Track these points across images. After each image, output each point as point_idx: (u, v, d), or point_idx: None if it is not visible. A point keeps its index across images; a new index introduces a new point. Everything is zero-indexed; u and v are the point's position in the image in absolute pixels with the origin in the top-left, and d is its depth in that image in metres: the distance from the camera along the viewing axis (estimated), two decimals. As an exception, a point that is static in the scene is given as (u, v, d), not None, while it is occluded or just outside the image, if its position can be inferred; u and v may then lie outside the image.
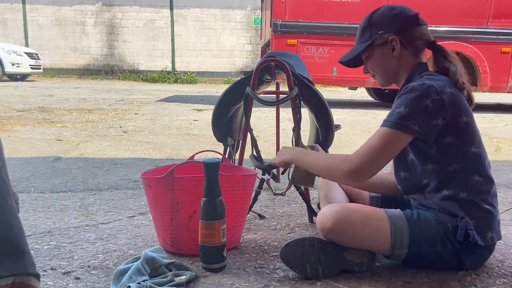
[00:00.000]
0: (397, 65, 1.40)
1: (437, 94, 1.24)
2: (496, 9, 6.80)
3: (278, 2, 6.97)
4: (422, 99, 1.24)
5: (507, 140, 4.42)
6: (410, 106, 1.24)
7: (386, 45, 1.38)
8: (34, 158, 3.07)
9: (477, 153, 1.31)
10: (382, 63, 1.42)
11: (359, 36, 1.46)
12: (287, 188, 1.83)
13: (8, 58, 11.75)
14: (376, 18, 1.42)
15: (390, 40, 1.37)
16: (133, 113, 5.80)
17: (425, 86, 1.25)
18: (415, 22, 1.39)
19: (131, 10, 15.41)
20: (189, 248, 1.46)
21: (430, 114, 1.24)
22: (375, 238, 1.30)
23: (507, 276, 1.36)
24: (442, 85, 1.26)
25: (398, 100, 1.30)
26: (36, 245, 1.56)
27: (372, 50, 1.41)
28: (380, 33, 1.38)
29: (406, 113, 1.24)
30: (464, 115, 1.28)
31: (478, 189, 1.31)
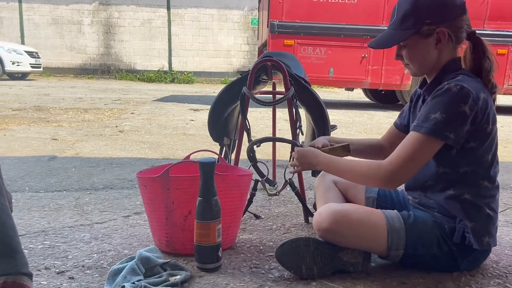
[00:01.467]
0: (437, 57, 1.30)
1: (474, 100, 1.19)
2: (492, 11, 6.84)
3: (275, 2, 6.98)
4: (459, 104, 1.18)
5: (503, 141, 4.45)
6: (447, 112, 1.19)
7: (431, 36, 1.27)
8: (29, 157, 3.06)
9: (491, 160, 1.30)
10: (422, 53, 1.30)
11: (398, 19, 1.30)
12: (282, 188, 1.83)
13: (8, 56, 11.74)
14: (424, 3, 1.26)
15: (437, 32, 1.26)
16: (129, 112, 5.78)
17: (462, 90, 1.18)
18: (463, 11, 1.28)
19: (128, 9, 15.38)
20: (184, 248, 1.46)
21: (466, 121, 1.20)
22: (372, 239, 1.30)
23: (501, 277, 1.36)
24: (477, 89, 1.21)
25: (432, 101, 1.22)
26: (30, 244, 1.55)
27: (414, 38, 1.29)
28: (428, 22, 1.25)
29: (442, 120, 1.19)
30: (492, 122, 1.26)
31: (484, 193, 1.31)
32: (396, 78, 7.12)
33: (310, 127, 1.96)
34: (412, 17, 1.27)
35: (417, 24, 1.26)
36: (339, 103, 8.41)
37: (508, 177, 2.86)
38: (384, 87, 7.33)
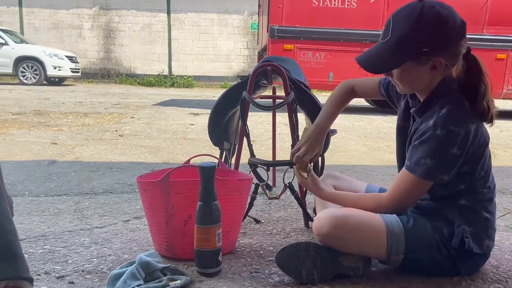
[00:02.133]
0: (429, 80, 1.27)
1: (462, 139, 1.19)
2: (491, 16, 6.86)
3: (275, 7, 7.01)
4: (448, 148, 1.20)
5: (502, 146, 4.45)
6: (436, 158, 1.21)
7: (427, 63, 1.23)
8: (29, 162, 3.05)
9: (485, 172, 1.30)
10: (414, 78, 1.27)
11: (393, 42, 1.21)
12: (281, 192, 1.83)
13: (50, 61, 11.81)
14: (423, 30, 1.18)
15: (434, 61, 1.23)
16: (129, 117, 5.79)
17: (449, 133, 1.19)
18: (462, 35, 1.22)
19: (128, 14, 15.43)
20: (184, 253, 1.45)
21: (457, 161, 1.22)
22: (372, 244, 1.30)
23: (501, 282, 1.36)
24: (465, 123, 1.20)
25: (421, 146, 1.23)
26: (30, 249, 1.55)
27: (408, 64, 1.24)
28: (425, 51, 1.20)
29: (433, 166, 1.22)
30: (483, 146, 1.26)
31: (481, 198, 1.31)
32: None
33: (310, 131, 1.96)
34: (409, 43, 1.20)
35: (414, 51, 1.21)
36: (339, 107, 8.40)
37: (508, 181, 2.86)
38: (384, 91, 7.33)
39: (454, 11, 1.21)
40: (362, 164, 3.38)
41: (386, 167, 3.23)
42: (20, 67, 11.71)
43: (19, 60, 11.68)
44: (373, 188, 1.60)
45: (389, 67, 1.27)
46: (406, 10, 1.21)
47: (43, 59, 11.74)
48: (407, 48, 1.21)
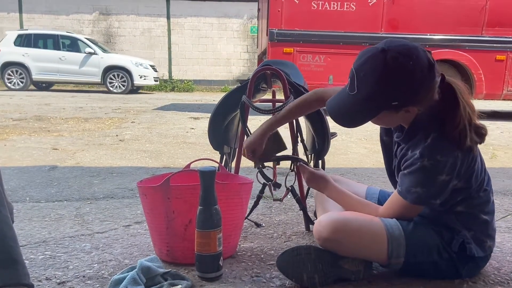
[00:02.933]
0: (407, 119, 1.27)
1: (450, 167, 1.20)
2: (490, 18, 6.87)
3: (275, 11, 7.02)
4: (436, 177, 1.21)
5: (503, 147, 4.44)
6: (427, 186, 1.23)
7: (400, 111, 1.22)
8: (29, 167, 3.06)
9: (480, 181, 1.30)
10: (388, 121, 1.29)
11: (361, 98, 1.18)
12: (284, 195, 1.83)
13: (136, 70, 11.98)
14: (389, 87, 1.16)
15: (406, 109, 1.21)
16: (130, 121, 5.79)
17: (436, 164, 1.19)
18: (432, 78, 1.17)
19: (128, 19, 15.48)
20: (185, 257, 1.45)
21: (447, 185, 1.23)
22: (372, 247, 1.30)
23: (503, 284, 1.36)
24: (450, 151, 1.20)
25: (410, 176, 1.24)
26: (31, 255, 1.54)
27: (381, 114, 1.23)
28: (395, 104, 1.18)
29: (424, 193, 1.23)
30: (473, 163, 1.26)
31: (477, 202, 1.31)
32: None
33: (310, 134, 1.96)
34: (377, 99, 1.18)
35: (383, 105, 1.19)
36: (339, 110, 8.41)
37: (509, 183, 2.85)
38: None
39: (419, 55, 1.15)
40: (363, 166, 3.38)
41: (386, 170, 3.22)
42: (108, 76, 11.92)
43: (107, 69, 11.90)
44: (374, 190, 1.60)
45: (361, 122, 1.24)
46: (369, 64, 1.17)
47: (130, 68, 11.96)
48: (376, 103, 1.19)
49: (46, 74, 11.82)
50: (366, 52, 1.20)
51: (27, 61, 11.67)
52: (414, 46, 1.17)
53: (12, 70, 11.70)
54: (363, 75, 1.17)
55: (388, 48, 1.16)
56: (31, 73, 11.71)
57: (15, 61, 11.65)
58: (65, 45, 12.03)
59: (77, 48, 11.99)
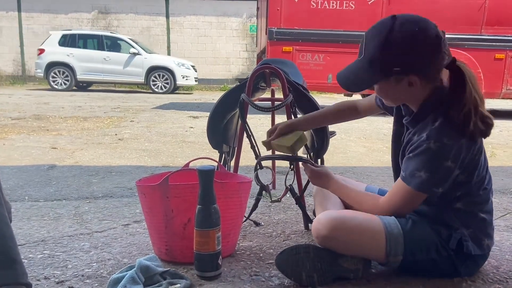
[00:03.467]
0: (411, 95, 1.26)
1: (456, 152, 1.19)
2: (489, 17, 6.87)
3: (274, 9, 7.02)
4: (442, 161, 1.20)
5: (502, 146, 4.45)
6: (431, 171, 1.21)
7: (402, 81, 1.22)
8: (28, 166, 3.05)
9: (481, 178, 1.30)
10: (393, 95, 1.29)
11: (366, 62, 1.22)
12: (283, 195, 1.83)
13: (179, 71, 12.01)
14: (392, 49, 1.17)
15: (408, 79, 1.21)
16: (129, 120, 5.79)
17: (443, 147, 1.18)
18: (437, 50, 1.18)
19: (127, 18, 15.45)
20: (184, 256, 1.45)
21: (451, 173, 1.22)
22: (370, 246, 1.30)
23: (502, 282, 1.36)
24: (457, 137, 1.19)
25: (416, 158, 1.23)
26: (29, 254, 1.54)
27: (383, 82, 1.25)
28: (396, 70, 1.19)
29: (428, 179, 1.22)
30: (478, 154, 1.26)
31: (476, 200, 1.31)
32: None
33: (309, 133, 1.96)
34: (379, 63, 1.20)
35: (384, 71, 1.21)
36: (338, 109, 8.41)
37: (508, 181, 2.86)
38: (383, 92, 7.35)
39: (427, 26, 1.17)
40: (362, 165, 3.38)
41: (385, 168, 3.23)
42: (151, 77, 11.92)
43: (150, 69, 11.91)
44: (373, 189, 1.60)
45: (361, 87, 1.27)
46: (377, 28, 1.21)
47: (173, 68, 11.97)
48: (377, 68, 1.21)
49: (90, 74, 11.86)
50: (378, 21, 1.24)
51: (72, 61, 11.72)
52: (424, 19, 1.20)
53: (56, 71, 11.76)
54: (370, 37, 1.22)
55: (398, 16, 1.20)
56: (76, 73, 11.77)
57: (60, 61, 11.70)
58: (108, 45, 12.09)
59: (120, 49, 12.07)
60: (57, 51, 11.73)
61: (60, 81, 11.79)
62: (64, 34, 12.00)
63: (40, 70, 11.72)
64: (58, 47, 11.77)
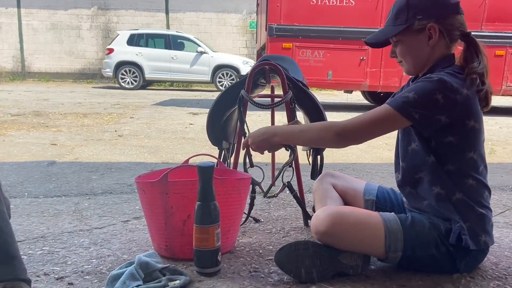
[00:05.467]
0: (429, 53, 1.32)
1: (451, 92, 1.21)
2: (489, 13, 6.86)
3: (273, 6, 7.00)
4: (434, 91, 1.21)
5: (501, 142, 4.44)
6: (419, 94, 1.22)
7: (423, 32, 1.30)
8: (28, 163, 3.05)
9: (474, 158, 1.30)
10: (414, 50, 1.34)
11: (392, 16, 1.34)
12: (280, 191, 1.83)
13: (245, 69, 11.98)
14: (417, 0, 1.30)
15: (429, 28, 1.29)
16: (129, 117, 5.78)
17: (441, 79, 1.21)
18: (456, 10, 1.30)
19: (127, 14, 15.41)
20: (183, 253, 1.45)
21: (436, 109, 1.22)
22: (369, 242, 1.30)
23: (501, 279, 1.36)
24: (460, 84, 1.23)
25: (411, 85, 1.29)
26: (29, 250, 1.54)
27: (406, 34, 1.32)
28: (419, 18, 1.29)
29: (412, 100, 1.22)
30: (473, 119, 1.26)
31: (471, 191, 1.31)
32: (394, 80, 7.14)
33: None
34: (404, 12, 1.31)
35: (408, 19, 1.30)
36: (338, 105, 8.42)
37: (508, 178, 2.86)
38: (383, 89, 7.34)
39: None
40: (361, 162, 3.38)
41: (385, 165, 3.23)
42: (217, 75, 12.00)
43: (217, 68, 11.99)
44: (372, 186, 1.60)
45: (387, 35, 1.35)
46: None
47: (239, 67, 12.03)
48: (403, 17, 1.31)
49: (158, 73, 12.01)
50: None
51: (141, 60, 11.87)
52: None
53: (125, 69, 11.90)
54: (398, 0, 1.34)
55: None
56: (144, 72, 11.90)
57: (129, 61, 11.88)
58: (175, 44, 12.23)
59: (184, 47, 12.19)
60: (126, 50, 11.92)
61: (128, 80, 11.97)
62: (132, 34, 12.21)
63: (109, 69, 11.93)
64: (127, 47, 11.97)
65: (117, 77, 11.94)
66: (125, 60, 11.84)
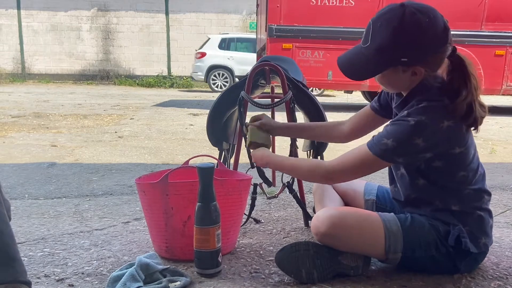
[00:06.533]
0: (412, 83, 1.26)
1: (431, 133, 1.18)
2: (489, 13, 6.85)
3: (273, 6, 7.00)
4: (412, 137, 1.18)
5: (502, 142, 4.44)
6: (398, 141, 1.20)
7: (407, 71, 1.23)
8: (28, 164, 3.05)
9: (465, 175, 1.29)
10: (395, 82, 1.29)
11: (373, 49, 1.22)
12: (280, 191, 1.83)
13: None
14: (403, 40, 1.17)
15: (413, 69, 1.22)
16: (129, 118, 5.78)
17: (419, 123, 1.17)
18: (444, 42, 1.19)
19: (127, 15, 15.41)
20: (184, 254, 1.45)
21: (418, 151, 1.21)
22: (370, 243, 1.30)
23: (502, 279, 1.36)
24: (439, 116, 1.18)
25: (389, 127, 1.23)
26: (29, 252, 1.54)
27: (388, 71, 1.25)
28: (404, 61, 1.20)
29: (392, 147, 1.20)
30: (458, 146, 1.24)
31: (469, 200, 1.30)
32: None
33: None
34: (387, 53, 1.20)
35: (392, 61, 1.21)
36: (338, 106, 8.42)
37: (508, 178, 2.85)
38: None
39: (436, 16, 1.18)
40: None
41: (386, 165, 3.22)
42: None
43: None
44: (372, 186, 1.60)
45: (366, 76, 1.28)
46: (387, 16, 1.20)
47: None
48: (385, 57, 1.21)
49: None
50: (385, 7, 1.22)
51: (232, 64, 12.17)
52: (433, 8, 1.20)
53: (216, 73, 12.16)
54: (379, 26, 1.20)
55: (408, 4, 1.19)
56: (235, 75, 12.13)
57: (221, 64, 12.19)
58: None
59: None
60: (218, 54, 12.21)
61: (219, 83, 12.21)
62: (223, 38, 12.53)
63: (201, 73, 12.23)
64: (218, 51, 12.25)
65: (209, 81, 12.24)
66: (217, 64, 12.22)
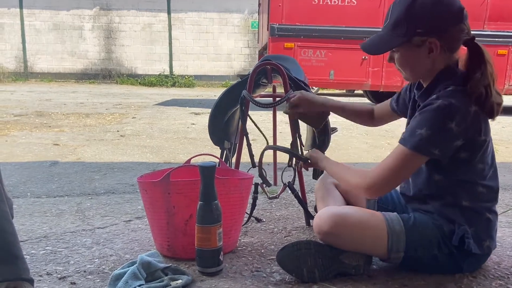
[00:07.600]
0: (429, 66, 1.28)
1: (461, 116, 1.18)
2: (492, 12, 6.84)
3: (275, 5, 6.99)
4: (446, 121, 1.18)
5: (504, 142, 4.43)
6: (432, 128, 1.19)
7: (423, 46, 1.25)
8: (31, 163, 3.06)
9: (487, 169, 1.29)
10: (414, 62, 1.29)
11: (390, 24, 1.27)
12: (281, 191, 1.83)
13: None
14: (417, 11, 1.21)
15: (429, 42, 1.24)
16: (131, 117, 5.79)
17: (450, 106, 1.17)
18: (458, 19, 1.23)
19: (129, 14, 15.42)
20: (185, 252, 1.46)
21: (452, 137, 1.20)
22: (372, 242, 1.30)
23: (503, 278, 1.36)
24: (465, 102, 1.19)
25: (420, 116, 1.22)
26: (32, 250, 1.55)
27: (405, 47, 1.27)
28: (419, 32, 1.22)
29: (428, 136, 1.19)
30: (483, 133, 1.24)
31: (483, 198, 1.30)
32: (396, 79, 7.12)
33: (310, 130, 1.96)
34: (403, 24, 1.24)
35: (408, 32, 1.24)
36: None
37: (510, 177, 2.85)
38: (385, 88, 7.33)
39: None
40: (364, 161, 3.38)
41: (387, 165, 3.22)
42: None
43: None
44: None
45: (383, 49, 1.31)
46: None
47: None
48: (401, 29, 1.25)
49: None
50: None
51: None
52: None
53: None
54: (397, 3, 1.26)
55: None
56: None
57: None
58: None
59: None
60: None
61: None
62: None
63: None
64: None
65: None
66: None
